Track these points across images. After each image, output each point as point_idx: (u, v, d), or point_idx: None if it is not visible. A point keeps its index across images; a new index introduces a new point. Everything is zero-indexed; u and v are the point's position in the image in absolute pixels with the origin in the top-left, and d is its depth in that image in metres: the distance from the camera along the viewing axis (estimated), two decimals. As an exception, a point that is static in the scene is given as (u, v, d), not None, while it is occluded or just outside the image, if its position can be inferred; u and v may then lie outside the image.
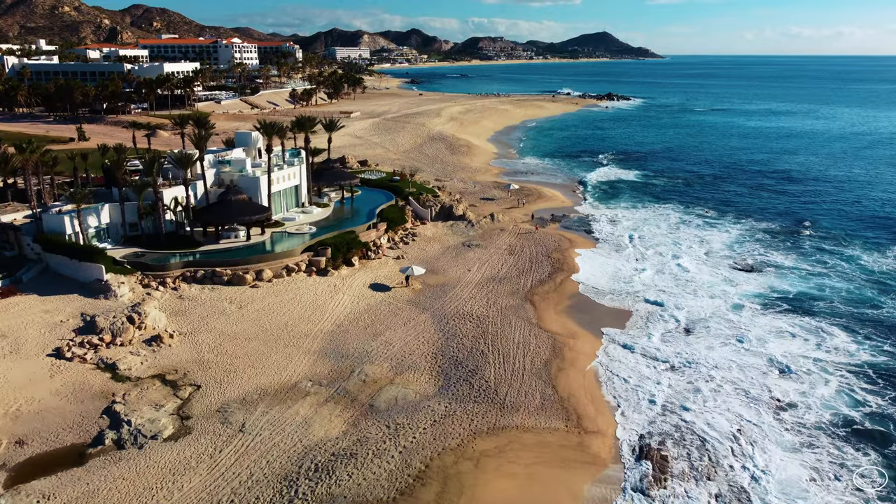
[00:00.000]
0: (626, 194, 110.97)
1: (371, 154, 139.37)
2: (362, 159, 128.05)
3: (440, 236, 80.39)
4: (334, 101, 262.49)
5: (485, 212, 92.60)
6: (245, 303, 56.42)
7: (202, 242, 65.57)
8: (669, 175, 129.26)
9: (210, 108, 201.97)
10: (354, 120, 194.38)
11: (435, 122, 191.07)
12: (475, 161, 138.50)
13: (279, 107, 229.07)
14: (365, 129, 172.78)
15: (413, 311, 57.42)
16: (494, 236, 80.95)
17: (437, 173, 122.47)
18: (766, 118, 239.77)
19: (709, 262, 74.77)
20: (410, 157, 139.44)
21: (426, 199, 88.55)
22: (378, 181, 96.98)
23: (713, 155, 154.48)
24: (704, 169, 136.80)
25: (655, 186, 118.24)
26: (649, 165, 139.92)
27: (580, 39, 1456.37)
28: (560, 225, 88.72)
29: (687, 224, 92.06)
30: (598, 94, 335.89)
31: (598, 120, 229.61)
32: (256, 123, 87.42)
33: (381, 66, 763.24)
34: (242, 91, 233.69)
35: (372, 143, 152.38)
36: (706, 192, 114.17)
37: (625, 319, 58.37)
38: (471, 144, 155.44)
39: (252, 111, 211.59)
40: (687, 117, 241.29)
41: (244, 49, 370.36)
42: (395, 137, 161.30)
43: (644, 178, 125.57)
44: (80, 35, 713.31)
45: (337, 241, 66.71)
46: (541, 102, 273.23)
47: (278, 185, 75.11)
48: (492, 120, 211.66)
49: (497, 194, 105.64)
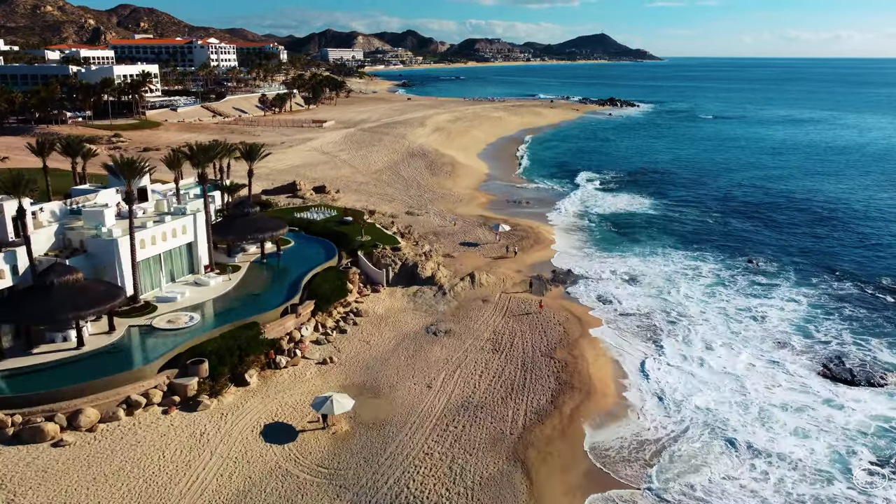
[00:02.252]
0: (642, 235, 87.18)
1: (334, 176, 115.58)
2: (320, 185, 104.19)
3: (396, 314, 56.56)
4: (311, 108, 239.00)
5: (463, 267, 68.86)
6: (26, 486, 32.49)
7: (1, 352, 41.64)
8: (693, 204, 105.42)
9: (163, 117, 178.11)
10: (326, 130, 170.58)
11: (418, 133, 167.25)
12: (460, 184, 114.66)
13: (247, 114, 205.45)
14: (334, 143, 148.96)
15: (324, 497, 33.57)
16: (474, 314, 57.16)
17: (409, 203, 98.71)
18: (790, 128, 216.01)
19: (779, 360, 51.11)
20: (382, 179, 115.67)
21: (383, 252, 64.71)
22: (323, 224, 73.05)
23: (746, 177, 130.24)
24: (736, 195, 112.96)
25: (678, 222, 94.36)
26: (667, 190, 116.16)
27: (578, 41, 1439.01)
28: (564, 289, 64.92)
29: (729, 286, 68.08)
30: (599, 98, 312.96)
31: (602, 129, 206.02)
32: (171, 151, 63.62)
33: (374, 67, 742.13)
34: (205, 96, 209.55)
35: (338, 162, 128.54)
36: (746, 231, 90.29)
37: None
38: (456, 162, 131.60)
39: (213, 119, 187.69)
40: (701, 126, 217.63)
41: (221, 50, 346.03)
42: (367, 153, 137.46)
43: (663, 210, 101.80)
44: (62, 35, 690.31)
45: (224, 345, 42.93)
46: (538, 109, 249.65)
47: (154, 246, 51.23)
48: (483, 130, 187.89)
49: (482, 236, 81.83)
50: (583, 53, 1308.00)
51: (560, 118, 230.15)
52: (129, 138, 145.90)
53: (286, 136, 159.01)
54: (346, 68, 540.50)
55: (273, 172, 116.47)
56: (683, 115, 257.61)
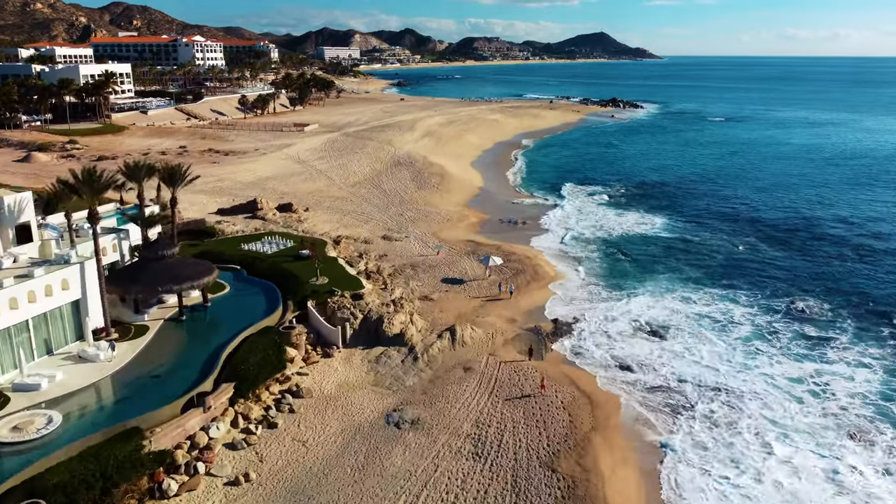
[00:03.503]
0: (658, 265, 73.63)
1: (307, 190, 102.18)
2: (286, 202, 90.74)
3: (350, 393, 43.15)
4: (297, 109, 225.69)
5: (444, 314, 55.53)
6: None
7: None
8: (714, 224, 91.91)
9: (131, 120, 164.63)
10: (307, 135, 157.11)
11: (406, 138, 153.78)
12: (449, 200, 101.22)
13: (225, 116, 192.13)
14: (313, 150, 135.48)
15: None
16: (451, 391, 43.76)
17: (388, 224, 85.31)
18: (810, 131, 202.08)
19: (860, 464, 37.84)
20: (360, 194, 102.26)
21: (340, 303, 51.26)
22: (271, 261, 59.58)
23: (772, 189, 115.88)
24: (764, 213, 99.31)
25: (698, 248, 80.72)
26: (682, 206, 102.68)
27: (577, 40, 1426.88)
28: (570, 350, 51.47)
29: (772, 339, 54.50)
30: (600, 98, 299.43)
31: (606, 133, 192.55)
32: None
33: (371, 66, 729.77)
34: (180, 98, 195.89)
35: (314, 172, 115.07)
36: (782, 261, 76.70)
37: None
38: (445, 173, 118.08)
39: (187, 123, 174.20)
40: (711, 129, 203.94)
41: (207, 48, 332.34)
42: (347, 162, 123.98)
43: (679, 231, 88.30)
44: (51, 33, 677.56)
45: (79, 473, 29.52)
46: (537, 110, 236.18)
47: (15, 312, 37.72)
48: (478, 134, 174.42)
49: (470, 270, 68.43)
50: (582, 52, 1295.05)
51: (560, 120, 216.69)
52: (85, 145, 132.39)
53: (262, 142, 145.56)
54: (340, 67, 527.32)
55: (237, 186, 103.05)
56: (690, 116, 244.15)
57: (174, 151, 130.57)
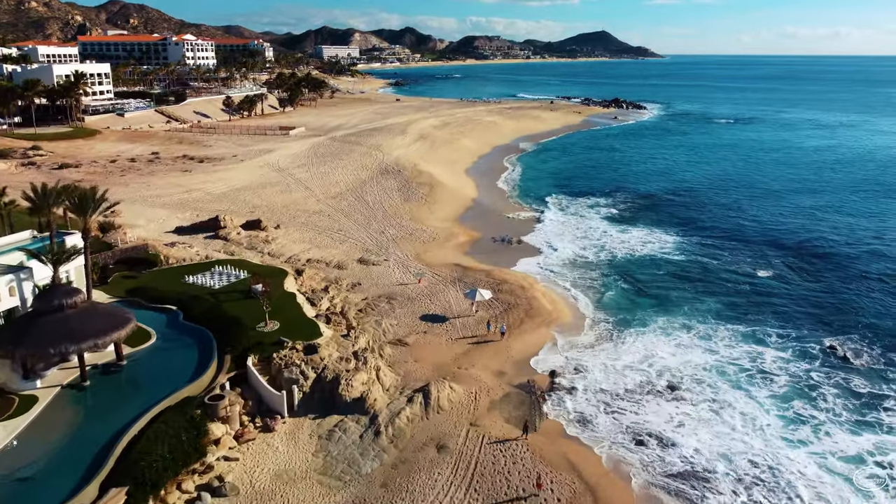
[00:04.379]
0: (671, 295, 63.96)
1: (282, 203, 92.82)
2: (254, 218, 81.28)
3: (289, 486, 33.73)
4: (287, 111, 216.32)
5: (419, 365, 46.26)
6: None
7: None
8: (732, 244, 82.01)
9: (105, 123, 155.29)
10: (291, 139, 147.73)
11: (396, 143, 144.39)
12: (437, 214, 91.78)
13: (210, 119, 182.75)
14: (295, 157, 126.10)
15: None
16: (419, 482, 34.35)
17: (366, 244, 75.93)
18: (823, 134, 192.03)
19: None
20: (340, 207, 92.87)
21: (289, 359, 41.89)
22: (216, 299, 50.16)
23: (792, 199, 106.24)
24: (788, 230, 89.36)
25: (715, 274, 70.90)
26: (694, 221, 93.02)
27: (578, 39, 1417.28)
28: (571, 416, 42.08)
29: (817, 401, 44.79)
30: (603, 99, 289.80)
31: (609, 136, 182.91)
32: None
33: (370, 65, 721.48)
34: (162, 99, 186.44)
35: (291, 182, 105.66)
36: (813, 292, 66.92)
37: None
38: (435, 183, 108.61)
39: (167, 126, 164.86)
40: (719, 132, 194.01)
41: (198, 47, 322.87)
42: (330, 170, 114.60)
43: (692, 252, 78.46)
44: (45, 32, 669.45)
45: None
46: (537, 112, 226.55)
47: None
48: (474, 138, 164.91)
49: (454, 303, 59.02)
50: (584, 51, 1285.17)
51: (561, 123, 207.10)
52: (50, 151, 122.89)
53: (242, 147, 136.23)
54: (337, 66, 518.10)
55: (205, 199, 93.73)
56: (696, 118, 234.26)
57: (145, 158, 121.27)
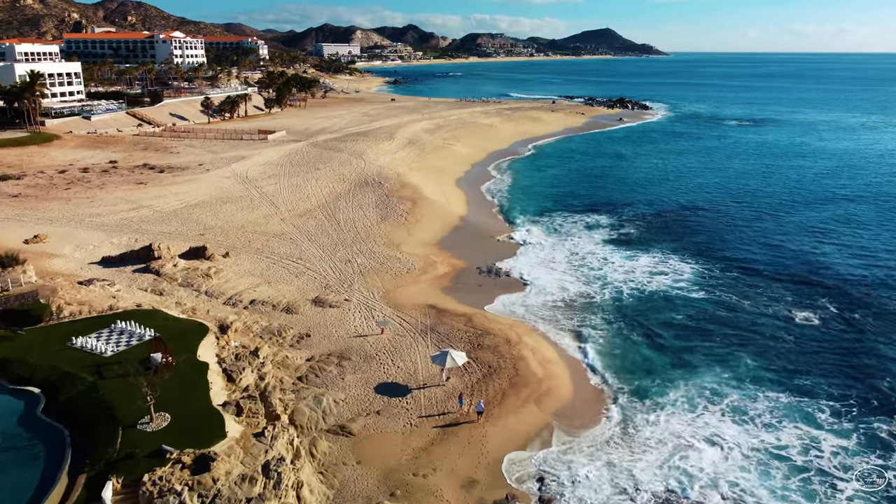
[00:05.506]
0: (694, 350, 51.98)
1: (239, 223, 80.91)
2: (199, 245, 69.32)
3: None
4: (274, 112, 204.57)
5: (359, 474, 34.45)
6: None
7: None
8: (764, 279, 68.90)
9: (69, 127, 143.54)
10: (268, 145, 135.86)
11: (382, 149, 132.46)
12: (417, 237, 79.73)
13: (187, 121, 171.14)
14: (268, 165, 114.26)
15: None
16: None
17: (327, 278, 64.01)
18: (845, 136, 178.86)
19: None
20: (306, 227, 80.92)
21: (166, 481, 29.91)
22: (99, 371, 38.26)
23: (835, 226, 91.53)
24: (827, 260, 76.04)
25: (744, 318, 58.68)
26: (714, 245, 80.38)
27: (582, 36, 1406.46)
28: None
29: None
30: (607, 98, 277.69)
31: (614, 140, 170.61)
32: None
33: (370, 63, 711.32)
34: (136, 100, 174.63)
35: (257, 197, 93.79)
36: (870, 339, 54.79)
37: None
38: (419, 197, 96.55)
39: (137, 129, 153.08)
40: (734, 136, 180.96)
41: (186, 44, 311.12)
42: (303, 182, 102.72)
43: (716, 288, 65.99)
44: (40, 30, 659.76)
45: None
46: (537, 113, 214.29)
47: None
48: (468, 143, 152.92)
49: (422, 367, 47.04)
50: (588, 48, 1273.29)
51: (563, 125, 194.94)
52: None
53: (212, 154, 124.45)
54: (335, 65, 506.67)
55: (151, 218, 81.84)
56: (706, 119, 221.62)
57: (99, 168, 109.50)
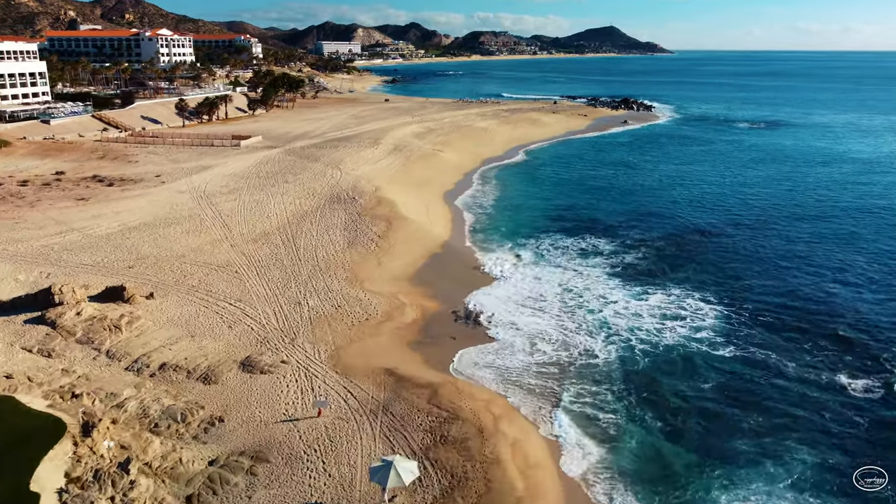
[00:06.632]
0: (735, 449, 39.54)
1: (179, 252, 68.69)
2: (116, 285, 57.12)
3: None
4: (258, 114, 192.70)
5: None
6: None
7: None
8: (813, 329, 55.55)
9: (23, 132, 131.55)
10: (241, 153, 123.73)
11: (363, 156, 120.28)
12: (386, 269, 67.46)
13: (159, 125, 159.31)
14: (232, 177, 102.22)
15: None
16: None
17: (266, 330, 51.80)
18: (869, 141, 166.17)
19: None
20: (258, 256, 68.73)
21: None
22: None
23: (885, 250, 78.51)
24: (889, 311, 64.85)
25: (794, 396, 46.16)
26: (746, 282, 67.02)
27: (586, 34, 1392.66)
28: None
29: None
30: (611, 98, 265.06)
31: (618, 146, 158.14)
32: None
33: (371, 61, 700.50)
34: (105, 102, 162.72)
35: (210, 217, 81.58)
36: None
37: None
38: (396, 217, 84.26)
39: (101, 134, 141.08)
40: (749, 140, 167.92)
41: (173, 43, 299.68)
42: (267, 197, 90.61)
43: (754, 349, 53.06)
44: (35, 28, 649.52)
45: None
46: (537, 114, 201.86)
47: None
48: (461, 148, 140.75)
49: (362, 473, 34.88)
50: (591, 47, 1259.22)
51: (564, 128, 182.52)
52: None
53: (174, 164, 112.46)
54: (332, 63, 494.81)
55: (76, 245, 69.63)
56: (717, 122, 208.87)
57: (41, 181, 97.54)
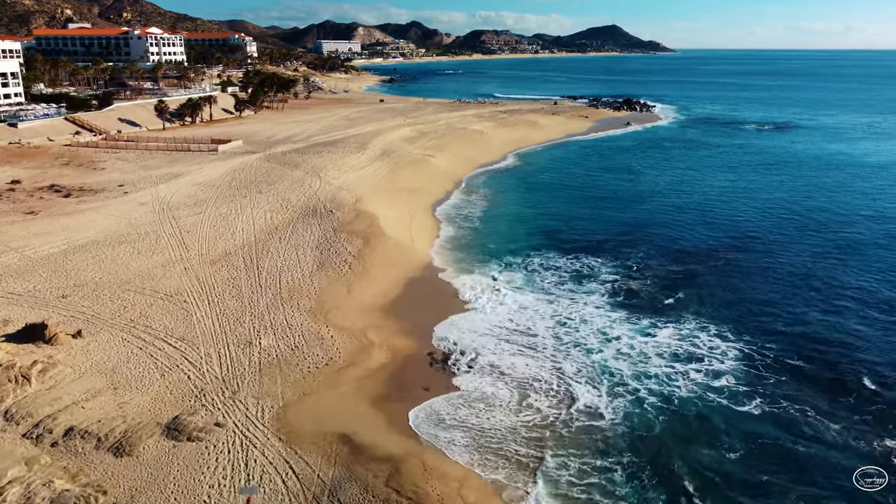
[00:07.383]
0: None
1: (125, 277, 60.54)
2: (38, 322, 48.87)
3: None
4: (245, 115, 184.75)
5: None
6: None
7: None
8: (850, 375, 48.06)
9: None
10: (217, 159, 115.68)
11: (348, 163, 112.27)
12: (356, 298, 59.33)
13: (138, 128, 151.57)
14: (201, 186, 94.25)
15: None
16: None
17: (204, 381, 43.68)
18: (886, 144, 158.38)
19: None
20: (214, 282, 60.69)
21: None
22: None
23: None
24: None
25: (839, 473, 38.57)
26: (769, 312, 58.42)
27: (588, 33, 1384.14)
28: None
29: None
30: (613, 98, 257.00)
31: (620, 150, 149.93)
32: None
33: (371, 60, 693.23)
34: (81, 104, 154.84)
35: (167, 234, 73.56)
36: None
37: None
38: (374, 233, 76.18)
39: (73, 138, 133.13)
40: (758, 143, 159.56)
41: (163, 41, 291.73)
42: (235, 210, 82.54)
43: (785, 403, 44.34)
44: (30, 26, 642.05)
45: None
46: (536, 116, 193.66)
47: None
48: (454, 153, 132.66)
49: None
50: (593, 45, 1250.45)
51: (563, 130, 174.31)
52: None
53: (144, 171, 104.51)
54: (329, 62, 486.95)
55: (13, 268, 61.57)
56: (723, 123, 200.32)
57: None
